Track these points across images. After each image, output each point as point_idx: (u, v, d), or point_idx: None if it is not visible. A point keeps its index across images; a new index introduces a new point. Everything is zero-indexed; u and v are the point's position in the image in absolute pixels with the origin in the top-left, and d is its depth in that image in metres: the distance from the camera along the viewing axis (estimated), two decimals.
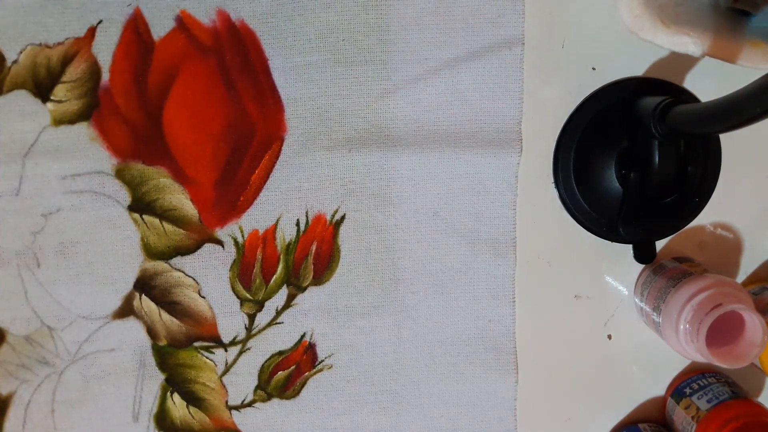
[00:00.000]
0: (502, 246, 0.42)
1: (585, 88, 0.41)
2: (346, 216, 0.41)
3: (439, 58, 0.40)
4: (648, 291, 0.42)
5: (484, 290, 0.43)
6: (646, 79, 0.41)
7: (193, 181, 0.40)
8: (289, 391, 0.43)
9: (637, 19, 0.37)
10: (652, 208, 0.40)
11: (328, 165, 0.41)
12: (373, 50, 0.40)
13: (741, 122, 0.28)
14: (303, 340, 0.42)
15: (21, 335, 0.41)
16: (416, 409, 0.44)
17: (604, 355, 0.44)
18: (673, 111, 0.35)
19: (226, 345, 0.42)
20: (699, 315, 0.37)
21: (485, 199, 0.42)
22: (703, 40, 0.37)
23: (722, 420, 0.40)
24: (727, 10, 0.39)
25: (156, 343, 0.42)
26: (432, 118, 0.40)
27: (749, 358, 0.37)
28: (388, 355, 0.43)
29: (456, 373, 0.43)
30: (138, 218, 0.40)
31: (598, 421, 0.45)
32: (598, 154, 0.41)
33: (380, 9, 0.39)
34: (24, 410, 0.42)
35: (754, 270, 0.45)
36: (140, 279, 0.41)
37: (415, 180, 0.41)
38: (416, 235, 0.42)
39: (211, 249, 0.41)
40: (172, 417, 0.43)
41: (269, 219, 0.41)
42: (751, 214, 0.44)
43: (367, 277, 0.42)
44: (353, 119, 0.40)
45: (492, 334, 0.43)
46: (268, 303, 0.42)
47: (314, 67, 0.39)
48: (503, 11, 0.40)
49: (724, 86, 0.34)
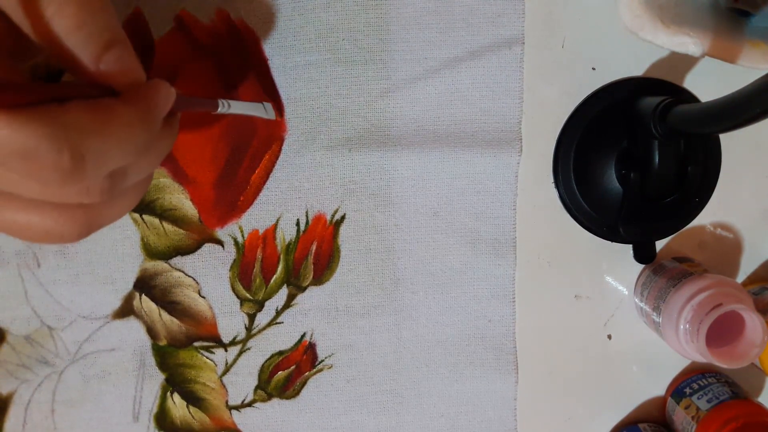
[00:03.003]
0: (502, 246, 0.42)
1: (585, 88, 0.41)
2: (346, 216, 0.41)
3: (439, 58, 0.40)
4: (648, 291, 0.42)
5: (484, 290, 0.43)
6: (646, 79, 0.41)
7: (193, 181, 0.40)
8: (289, 391, 0.43)
9: (637, 19, 0.37)
10: (652, 208, 0.40)
11: (328, 165, 0.41)
12: (373, 50, 0.40)
13: (741, 122, 0.28)
14: (303, 340, 0.42)
15: (21, 335, 0.41)
16: (416, 409, 0.44)
17: (604, 355, 0.44)
18: (673, 111, 0.36)
19: (226, 345, 0.42)
20: (699, 315, 0.37)
21: (485, 199, 0.42)
22: (703, 40, 0.37)
23: (722, 420, 0.40)
24: (727, 10, 0.39)
25: (156, 343, 0.42)
26: (432, 117, 0.40)
27: (749, 358, 0.37)
28: (388, 355, 0.43)
29: (456, 373, 0.43)
30: (138, 218, 0.40)
31: (598, 421, 0.45)
32: (598, 154, 0.41)
33: (380, 9, 0.39)
34: (24, 410, 0.42)
35: (754, 270, 0.45)
36: (140, 279, 0.41)
37: (415, 180, 0.41)
38: (416, 235, 0.42)
39: (211, 249, 0.41)
40: (172, 417, 0.43)
41: (269, 219, 0.41)
42: (751, 214, 0.44)
43: (367, 277, 0.42)
44: (353, 119, 0.40)
45: (492, 334, 0.43)
46: (268, 303, 0.42)
47: (314, 67, 0.39)
48: (503, 11, 0.40)
49: (724, 86, 0.34)
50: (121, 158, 0.25)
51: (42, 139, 0.21)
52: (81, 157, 0.23)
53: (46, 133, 0.22)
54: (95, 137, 0.23)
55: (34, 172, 0.22)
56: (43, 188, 0.24)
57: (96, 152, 0.23)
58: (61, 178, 0.23)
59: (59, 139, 0.22)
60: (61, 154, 0.22)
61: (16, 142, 0.21)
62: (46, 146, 0.22)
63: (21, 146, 0.21)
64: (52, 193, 0.24)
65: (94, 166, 0.23)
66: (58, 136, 0.22)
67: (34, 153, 0.22)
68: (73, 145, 0.22)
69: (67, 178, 0.23)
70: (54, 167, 0.22)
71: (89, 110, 0.23)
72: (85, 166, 0.23)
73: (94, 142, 0.23)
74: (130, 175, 0.27)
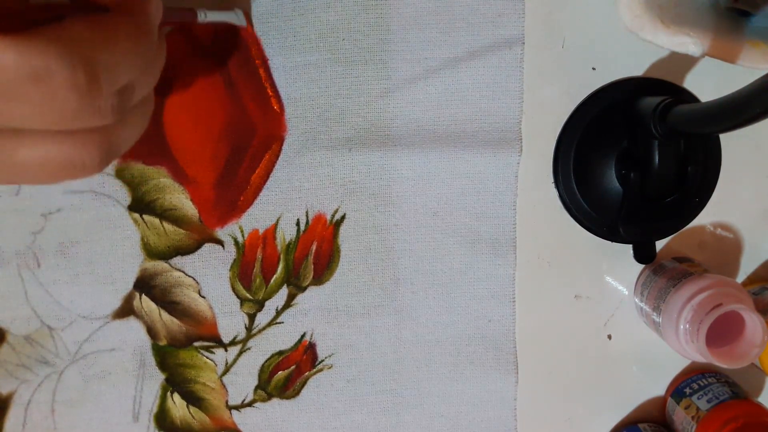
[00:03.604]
0: (502, 246, 0.42)
1: (585, 88, 0.41)
2: (346, 216, 0.41)
3: (439, 58, 0.40)
4: (648, 291, 0.42)
5: (484, 290, 0.43)
6: (646, 79, 0.41)
7: (193, 180, 0.40)
8: (289, 391, 0.43)
9: (637, 19, 0.37)
10: (652, 208, 0.40)
11: (328, 165, 0.41)
12: (373, 50, 0.40)
13: (741, 122, 0.28)
14: (303, 339, 0.42)
15: (21, 335, 0.41)
16: (416, 409, 0.44)
17: (604, 355, 0.44)
18: (673, 111, 0.36)
19: (226, 345, 0.42)
20: (699, 315, 0.37)
21: (485, 199, 0.42)
22: (703, 40, 0.37)
23: (722, 420, 0.40)
24: (727, 10, 0.39)
25: (156, 343, 0.42)
26: (432, 117, 0.40)
27: (749, 358, 0.37)
28: (388, 355, 0.43)
29: (456, 373, 0.43)
30: (138, 218, 0.40)
31: (598, 421, 0.45)
32: (598, 154, 0.41)
33: (380, 9, 0.39)
34: (24, 410, 0.42)
35: (754, 270, 0.45)
36: (140, 279, 0.41)
37: (415, 180, 0.41)
38: (416, 235, 0.42)
39: (211, 249, 0.41)
40: (172, 417, 0.43)
41: (269, 219, 0.41)
42: (751, 214, 0.44)
43: (367, 277, 0.42)
44: (353, 119, 0.40)
45: (492, 334, 0.43)
46: (268, 303, 0.42)
47: (314, 67, 0.39)
48: (503, 11, 0.40)
49: (724, 86, 0.34)
50: (129, 71, 0.24)
51: (53, 57, 0.21)
52: (95, 72, 0.22)
53: (56, 51, 0.21)
54: (103, 50, 0.22)
55: (48, 95, 0.21)
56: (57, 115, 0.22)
57: (107, 65, 0.22)
58: (79, 96, 0.22)
59: (71, 54, 0.21)
60: (75, 71, 0.21)
61: (25, 64, 0.20)
62: (59, 64, 0.21)
63: (32, 68, 0.20)
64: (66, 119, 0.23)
65: (107, 80, 0.23)
66: (70, 52, 0.21)
67: (46, 74, 0.21)
68: (85, 60, 0.21)
69: (84, 95, 0.22)
70: (70, 86, 0.21)
71: (91, 25, 0.22)
72: (99, 81, 0.22)
73: (104, 55, 0.22)
74: (136, 90, 0.26)
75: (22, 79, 0.20)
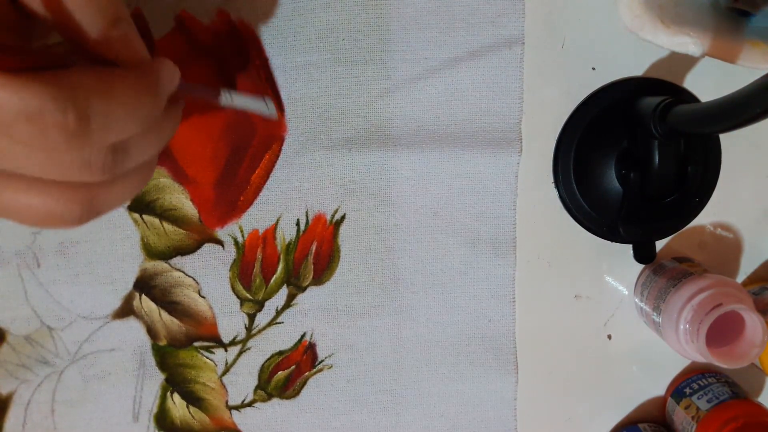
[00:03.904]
0: (502, 246, 0.42)
1: (585, 88, 0.41)
2: (346, 216, 0.41)
3: (439, 58, 0.40)
4: (648, 291, 0.42)
5: (484, 290, 0.43)
6: (646, 79, 0.41)
7: (193, 180, 0.40)
8: (289, 391, 0.43)
9: (637, 19, 0.37)
10: (652, 208, 0.40)
11: (328, 165, 0.41)
12: (373, 50, 0.40)
13: (741, 122, 0.28)
14: (303, 339, 0.42)
15: (21, 335, 0.41)
16: (416, 409, 0.44)
17: (604, 355, 0.44)
18: (673, 111, 0.36)
19: (226, 345, 0.42)
20: (699, 315, 0.37)
21: (485, 199, 0.42)
22: (703, 40, 0.37)
23: (722, 420, 0.40)
24: (727, 10, 0.39)
25: (156, 343, 0.42)
26: (432, 117, 0.40)
27: (749, 358, 0.37)
28: (388, 355, 0.43)
29: (456, 373, 0.43)
30: (138, 218, 0.40)
31: (598, 421, 0.45)
32: (598, 154, 0.41)
33: (380, 9, 0.39)
34: (24, 410, 0.42)
35: (754, 270, 0.45)
36: (140, 279, 0.41)
37: (415, 180, 0.41)
38: (416, 235, 0.42)
39: (211, 249, 0.41)
40: (172, 417, 0.43)
41: (269, 219, 0.41)
42: (751, 214, 0.44)
43: (367, 277, 0.42)
44: (353, 119, 0.40)
45: (492, 334, 0.43)
46: (268, 303, 0.42)
47: (314, 67, 0.40)
48: (503, 11, 0.40)
49: (724, 86, 0.34)
50: (125, 126, 0.24)
51: (46, 98, 0.21)
52: (86, 118, 0.22)
53: (51, 93, 0.21)
54: (100, 99, 0.23)
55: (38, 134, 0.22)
56: (46, 160, 0.23)
57: (100, 114, 0.23)
58: (66, 140, 0.22)
59: (64, 98, 0.22)
60: (66, 114, 0.22)
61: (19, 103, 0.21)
62: (51, 106, 0.21)
63: (25, 107, 0.21)
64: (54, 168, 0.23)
65: (99, 128, 0.23)
66: (63, 96, 0.22)
67: (38, 114, 0.21)
68: (78, 105, 0.22)
69: (72, 140, 0.22)
70: (59, 128, 0.22)
71: (94, 73, 0.23)
72: (89, 128, 0.23)
73: (99, 104, 0.23)
74: (132, 153, 0.26)
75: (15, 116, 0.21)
